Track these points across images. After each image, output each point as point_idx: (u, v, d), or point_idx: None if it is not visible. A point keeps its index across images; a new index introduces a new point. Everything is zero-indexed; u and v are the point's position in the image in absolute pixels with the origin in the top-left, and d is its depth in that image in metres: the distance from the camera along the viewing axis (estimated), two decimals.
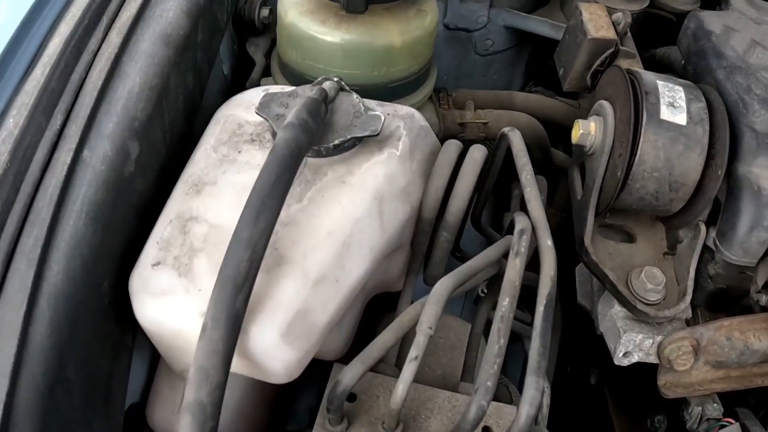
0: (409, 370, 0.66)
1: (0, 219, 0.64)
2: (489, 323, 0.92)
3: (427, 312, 0.68)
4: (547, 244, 0.75)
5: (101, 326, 0.70)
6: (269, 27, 1.06)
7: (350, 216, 0.72)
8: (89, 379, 0.68)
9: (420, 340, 0.67)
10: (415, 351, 0.66)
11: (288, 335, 0.66)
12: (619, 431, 1.07)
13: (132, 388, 0.80)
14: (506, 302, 0.70)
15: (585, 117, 0.95)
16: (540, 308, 0.70)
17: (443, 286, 0.70)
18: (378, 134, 0.75)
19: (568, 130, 0.99)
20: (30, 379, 0.59)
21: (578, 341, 1.16)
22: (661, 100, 0.86)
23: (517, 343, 1.15)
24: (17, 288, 0.61)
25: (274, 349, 0.66)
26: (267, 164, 0.66)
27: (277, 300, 0.66)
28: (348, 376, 0.68)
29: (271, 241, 0.65)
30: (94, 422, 0.70)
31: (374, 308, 0.90)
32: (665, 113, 0.85)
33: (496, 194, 1.09)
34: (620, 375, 1.15)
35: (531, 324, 1.07)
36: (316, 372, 1.02)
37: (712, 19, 0.99)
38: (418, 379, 0.81)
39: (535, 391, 0.65)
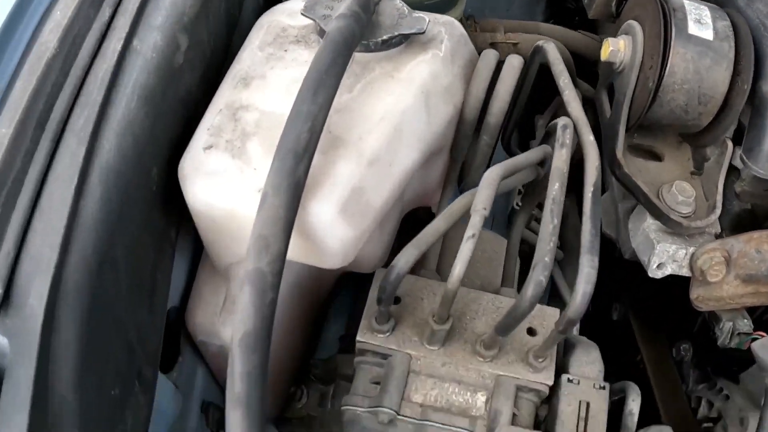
0: (467, 247, 0.66)
1: (49, 100, 0.64)
2: (523, 242, 0.93)
3: (481, 194, 0.69)
4: (589, 139, 0.76)
5: (148, 212, 0.70)
6: None
7: (400, 105, 0.73)
8: (136, 265, 0.68)
9: (476, 220, 0.67)
10: (472, 230, 0.67)
11: (345, 212, 0.66)
12: (647, 359, 1.08)
13: (170, 291, 0.79)
14: (556, 186, 0.71)
15: None
16: (588, 195, 0.72)
17: (494, 172, 0.71)
18: (424, 32, 0.76)
19: (591, 63, 1.01)
20: (80, 252, 0.59)
21: (600, 280, 1.17)
22: (689, 17, 0.89)
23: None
24: (67, 164, 0.61)
25: (332, 225, 0.66)
26: (322, 48, 0.67)
27: (334, 178, 0.67)
28: (402, 260, 0.68)
29: (325, 125, 0.65)
30: (138, 311, 0.68)
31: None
32: (693, 28, 0.88)
33: (521, 127, 1.10)
34: (645, 305, 1.16)
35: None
36: (345, 300, 1.02)
37: None
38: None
39: (591, 269, 0.66)
